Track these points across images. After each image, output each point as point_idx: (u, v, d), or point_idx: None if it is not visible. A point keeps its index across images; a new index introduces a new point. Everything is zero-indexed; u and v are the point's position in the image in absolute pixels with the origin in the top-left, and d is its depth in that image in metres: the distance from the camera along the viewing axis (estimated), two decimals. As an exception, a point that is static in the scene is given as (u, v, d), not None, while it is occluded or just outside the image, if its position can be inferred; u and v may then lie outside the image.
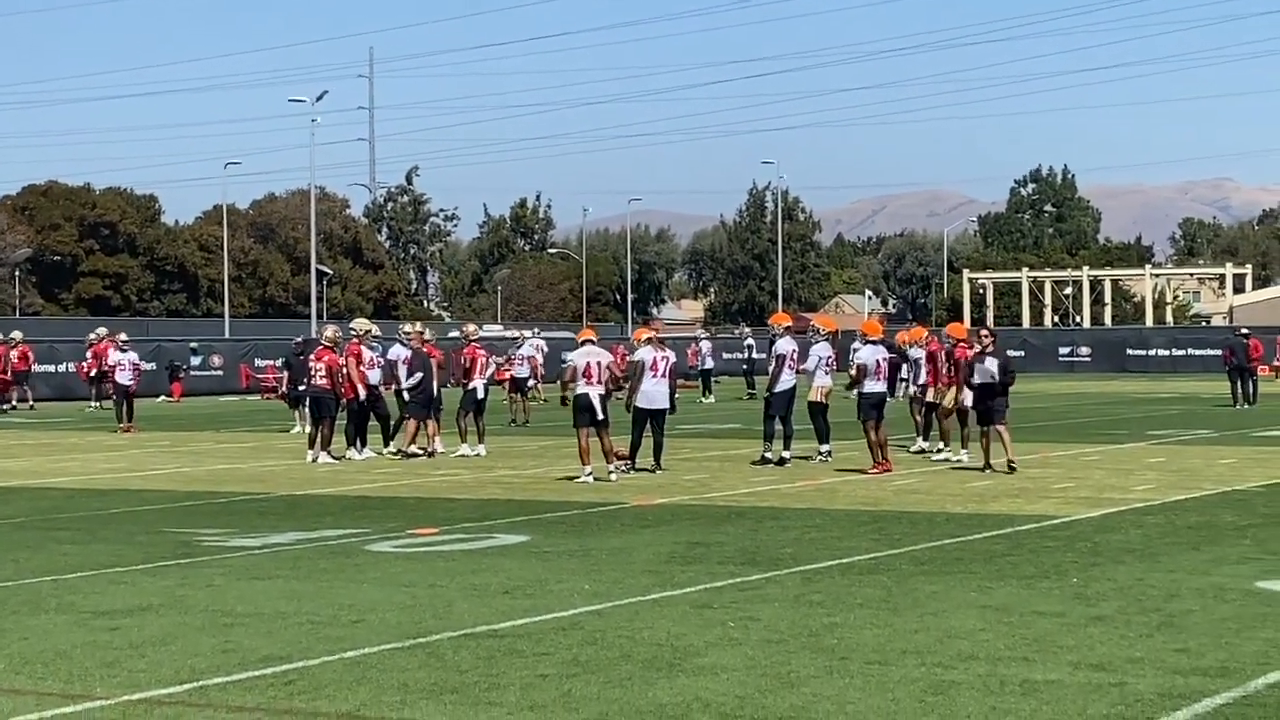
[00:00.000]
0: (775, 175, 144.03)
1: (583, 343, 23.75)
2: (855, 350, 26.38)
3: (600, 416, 22.88)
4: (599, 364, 23.16)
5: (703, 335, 60.60)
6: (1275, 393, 50.21)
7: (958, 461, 25.02)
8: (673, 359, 24.62)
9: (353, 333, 28.41)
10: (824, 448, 25.38)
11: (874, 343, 24.90)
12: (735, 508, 19.21)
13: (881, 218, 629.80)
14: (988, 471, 23.05)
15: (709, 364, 51.53)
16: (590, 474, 22.65)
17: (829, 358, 25.49)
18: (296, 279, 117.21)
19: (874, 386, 24.31)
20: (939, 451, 25.83)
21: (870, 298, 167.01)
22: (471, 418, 28.41)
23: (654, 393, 23.82)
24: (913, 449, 26.75)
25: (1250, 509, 18.54)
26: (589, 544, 15.96)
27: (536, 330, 56.31)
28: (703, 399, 48.39)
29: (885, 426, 24.27)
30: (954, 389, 25.03)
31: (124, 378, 38.42)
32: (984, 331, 24.99)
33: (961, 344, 25.30)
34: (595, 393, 22.97)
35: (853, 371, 25.64)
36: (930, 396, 26.18)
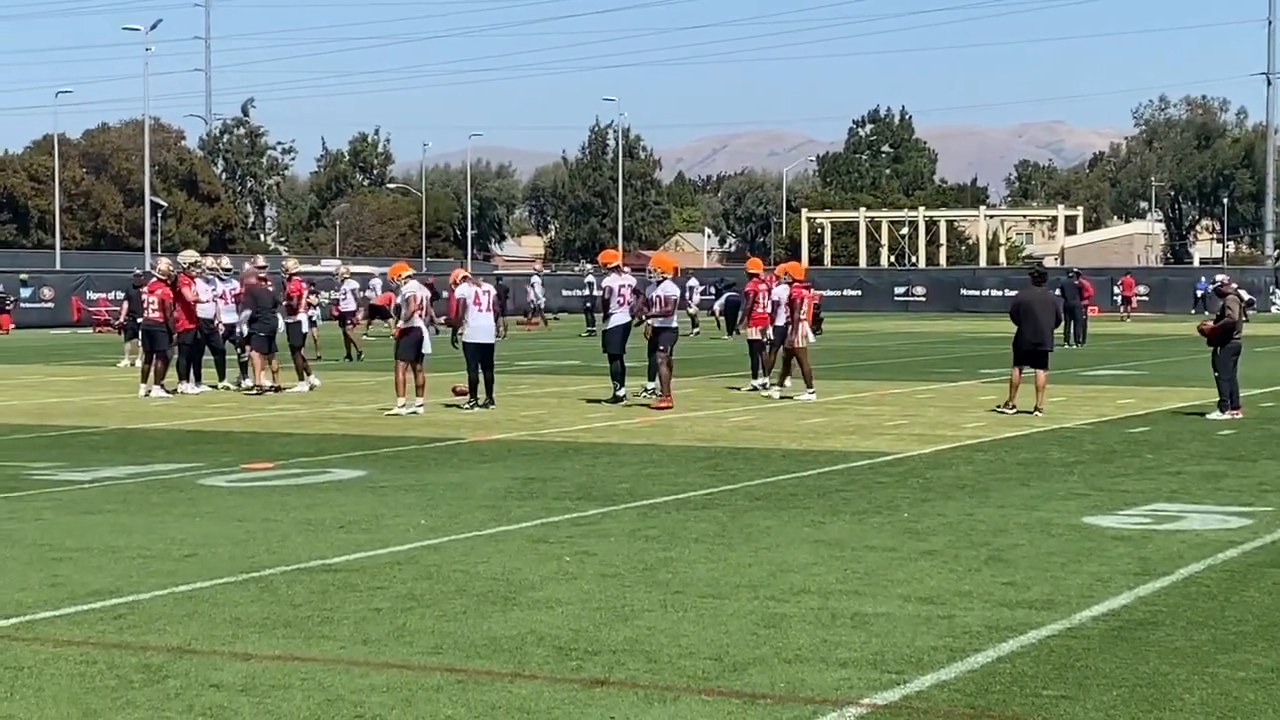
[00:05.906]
0: (617, 112, 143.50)
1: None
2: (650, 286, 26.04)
3: (426, 350, 23.52)
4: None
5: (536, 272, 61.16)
6: (1104, 333, 51.23)
7: (768, 396, 25.54)
8: (493, 292, 24.94)
9: (180, 266, 28.00)
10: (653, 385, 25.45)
11: (667, 279, 24.84)
12: (572, 444, 19.23)
13: (722, 156, 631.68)
14: (1013, 410, 22.78)
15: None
16: (404, 406, 23.04)
17: (670, 297, 25.35)
18: (130, 211, 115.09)
19: (664, 321, 24.48)
20: (769, 387, 26.14)
21: (709, 236, 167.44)
22: (300, 353, 28.24)
23: (482, 327, 23.89)
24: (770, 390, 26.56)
25: (1078, 446, 18.91)
26: (426, 479, 15.90)
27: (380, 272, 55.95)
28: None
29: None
30: (794, 328, 25.41)
31: (-50, 309, 37.60)
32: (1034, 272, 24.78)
33: (798, 283, 25.55)
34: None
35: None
36: (799, 341, 25.83)
